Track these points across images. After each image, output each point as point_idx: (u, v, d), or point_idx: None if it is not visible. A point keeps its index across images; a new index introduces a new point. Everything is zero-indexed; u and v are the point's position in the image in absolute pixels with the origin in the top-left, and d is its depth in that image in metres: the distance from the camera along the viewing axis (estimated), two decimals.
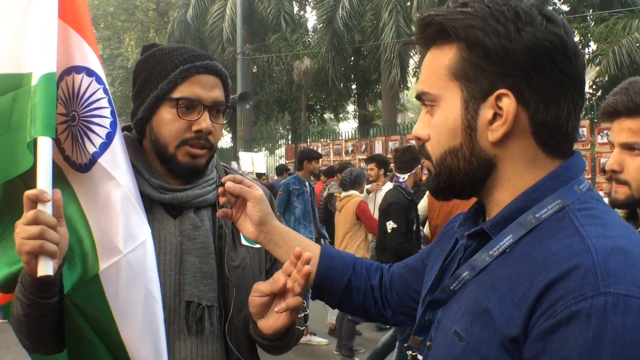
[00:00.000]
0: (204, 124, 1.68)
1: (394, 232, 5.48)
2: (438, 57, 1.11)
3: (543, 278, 0.93)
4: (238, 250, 1.80)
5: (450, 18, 1.07)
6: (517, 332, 0.94)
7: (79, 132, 1.63)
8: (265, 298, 1.50)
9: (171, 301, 1.68)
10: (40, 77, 1.53)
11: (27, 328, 1.57)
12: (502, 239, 1.06)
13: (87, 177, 1.62)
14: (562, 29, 1.04)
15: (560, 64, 1.03)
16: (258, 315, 1.54)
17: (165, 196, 1.73)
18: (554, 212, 1.03)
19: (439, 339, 1.14)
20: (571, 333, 0.87)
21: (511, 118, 1.04)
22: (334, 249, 1.64)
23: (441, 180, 1.15)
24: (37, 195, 1.42)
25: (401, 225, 5.48)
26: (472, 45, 1.05)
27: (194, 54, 1.71)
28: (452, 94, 1.09)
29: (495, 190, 1.11)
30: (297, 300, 1.47)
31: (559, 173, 1.07)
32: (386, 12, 19.20)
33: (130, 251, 1.56)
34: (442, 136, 1.12)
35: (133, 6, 30.92)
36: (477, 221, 1.22)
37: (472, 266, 1.10)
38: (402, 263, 1.59)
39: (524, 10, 1.03)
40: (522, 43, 1.01)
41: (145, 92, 1.71)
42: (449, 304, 1.14)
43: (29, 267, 1.41)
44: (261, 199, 1.59)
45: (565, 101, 1.04)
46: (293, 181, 7.80)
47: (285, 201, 7.64)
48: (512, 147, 1.07)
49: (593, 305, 0.86)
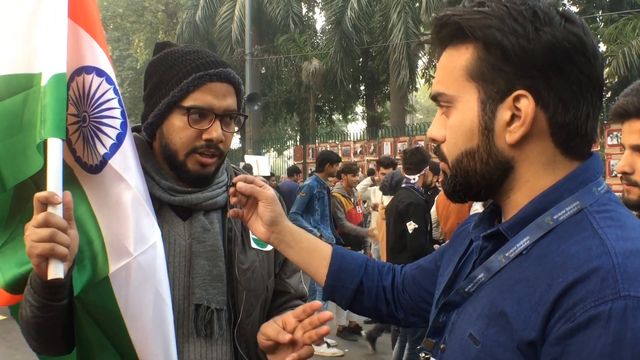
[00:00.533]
0: (214, 134, 1.66)
1: (416, 232, 5.43)
2: (454, 58, 1.09)
3: (562, 280, 0.91)
4: (247, 253, 1.79)
5: (467, 18, 1.05)
6: (535, 335, 0.93)
7: (89, 133, 1.62)
8: (271, 342, 1.53)
9: (180, 304, 1.68)
10: (50, 78, 1.53)
11: (35, 330, 1.57)
12: (518, 240, 1.04)
13: (98, 179, 1.62)
14: (581, 29, 1.02)
15: (579, 64, 1.01)
16: (267, 350, 1.57)
17: (175, 198, 1.72)
18: (572, 214, 1.02)
19: (454, 342, 1.13)
20: (590, 337, 0.86)
21: (529, 119, 1.02)
22: (346, 249, 1.63)
23: (457, 182, 1.13)
24: (47, 198, 1.41)
25: (421, 225, 5.47)
26: (490, 46, 1.03)
27: (207, 60, 1.69)
28: (469, 94, 1.08)
29: (513, 192, 1.10)
30: (309, 350, 1.48)
31: (577, 174, 1.05)
32: (395, 13, 19.18)
33: (141, 253, 1.55)
34: (458, 138, 1.10)
35: (142, 7, 31.01)
36: (492, 222, 1.21)
37: (487, 268, 1.08)
38: (415, 264, 1.58)
39: (542, 10, 1.01)
40: (540, 43, 1.00)
41: (156, 97, 1.70)
42: (464, 307, 1.13)
43: (39, 269, 1.41)
44: (273, 199, 1.57)
45: (584, 102, 1.03)
46: (315, 184, 7.65)
47: (306, 203, 7.51)
48: (530, 149, 1.05)
49: (613, 309, 0.85)
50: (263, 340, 1.54)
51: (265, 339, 1.54)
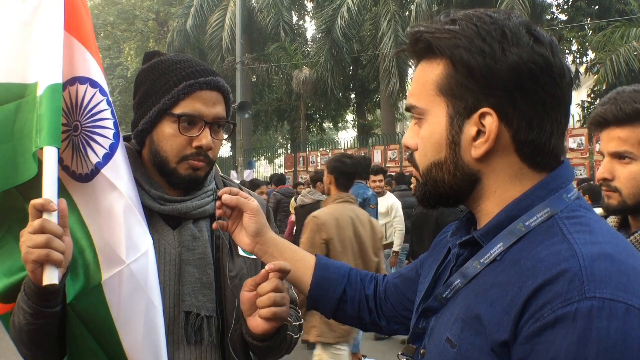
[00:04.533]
0: (204, 141, 1.69)
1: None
2: (427, 72, 1.13)
3: (531, 283, 0.95)
4: (235, 260, 1.81)
5: (437, 37, 1.09)
6: (507, 336, 0.96)
7: (81, 142, 1.64)
8: (253, 292, 1.51)
9: (170, 311, 1.69)
10: (46, 88, 1.55)
11: (28, 337, 1.57)
12: (492, 247, 1.07)
13: (89, 187, 1.63)
14: (549, 49, 1.05)
15: (544, 84, 1.04)
16: (248, 312, 1.55)
17: (165, 207, 1.74)
18: (543, 220, 1.05)
19: (432, 347, 1.16)
20: (557, 336, 0.89)
21: (493, 136, 1.06)
22: (329, 259, 1.65)
23: (427, 191, 1.18)
24: (43, 205, 1.42)
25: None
26: (457, 64, 1.07)
27: (197, 69, 1.72)
28: (438, 108, 1.11)
29: (482, 201, 1.13)
30: (268, 312, 1.48)
31: (547, 182, 1.08)
32: (385, 22, 19.27)
33: (133, 261, 1.57)
34: (427, 149, 1.14)
35: (133, 16, 30.99)
36: (469, 230, 1.24)
37: (463, 274, 1.12)
38: (397, 273, 1.61)
39: (510, 30, 1.05)
40: (506, 63, 1.03)
41: (147, 104, 1.72)
42: (442, 312, 1.16)
43: (35, 275, 1.42)
44: (257, 210, 1.59)
45: (548, 120, 1.06)
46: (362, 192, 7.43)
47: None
48: (496, 163, 1.09)
49: (579, 309, 0.88)
50: (246, 293, 1.53)
51: (248, 290, 1.53)
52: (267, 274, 1.47)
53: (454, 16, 1.10)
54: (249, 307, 1.54)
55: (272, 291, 1.47)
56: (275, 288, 1.47)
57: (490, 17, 1.07)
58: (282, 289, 1.49)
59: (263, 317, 1.50)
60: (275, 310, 1.48)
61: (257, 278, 1.50)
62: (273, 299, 1.47)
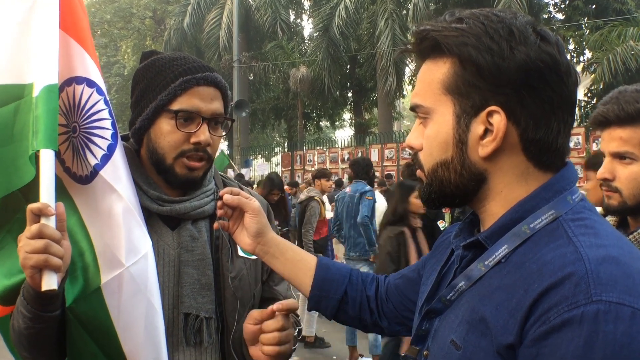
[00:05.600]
0: (202, 137, 1.68)
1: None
2: (432, 71, 1.13)
3: (537, 286, 0.95)
4: (235, 261, 1.80)
5: (445, 35, 1.08)
6: (513, 339, 0.95)
7: (80, 143, 1.63)
8: (257, 326, 1.52)
9: (170, 313, 1.68)
10: (42, 89, 1.53)
11: (28, 341, 1.56)
12: (497, 249, 1.07)
13: (89, 189, 1.62)
14: (555, 48, 1.06)
15: (551, 83, 1.04)
16: (251, 342, 1.56)
17: (163, 208, 1.73)
18: (547, 222, 1.05)
19: (436, 349, 1.15)
20: (563, 339, 0.89)
21: (501, 135, 1.05)
22: (331, 260, 1.65)
23: (432, 191, 1.17)
24: (40, 209, 1.41)
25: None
26: (465, 62, 1.06)
27: (194, 65, 1.71)
28: (445, 107, 1.11)
29: (487, 201, 1.13)
30: (272, 350, 1.49)
31: (552, 184, 1.08)
32: (382, 21, 19.27)
33: (133, 264, 1.56)
34: (434, 148, 1.14)
35: (130, 14, 30.89)
36: (472, 232, 1.24)
37: (468, 276, 1.11)
38: (398, 274, 1.61)
39: (517, 29, 1.05)
40: (514, 61, 1.03)
41: (144, 102, 1.71)
42: (446, 314, 1.16)
43: (33, 281, 1.41)
44: (259, 210, 1.59)
45: (555, 119, 1.06)
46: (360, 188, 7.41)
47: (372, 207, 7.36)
48: (503, 162, 1.09)
49: (585, 313, 0.88)
50: (249, 326, 1.53)
51: (252, 324, 1.53)
52: (273, 312, 1.48)
53: (460, 15, 1.10)
54: (252, 338, 1.55)
55: (277, 330, 1.47)
56: (281, 327, 1.48)
57: (497, 16, 1.07)
58: (288, 326, 1.49)
59: (267, 354, 1.50)
60: (279, 349, 1.49)
61: (263, 314, 1.50)
62: (278, 338, 1.48)
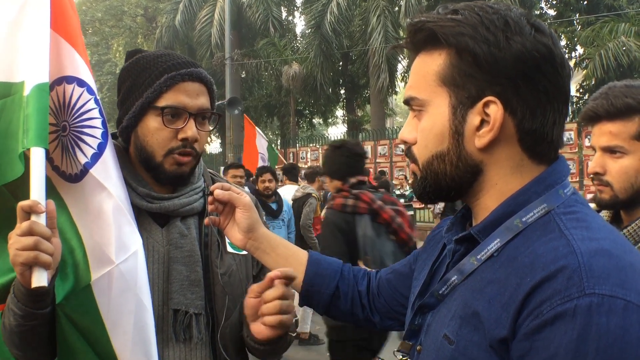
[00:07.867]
0: (189, 132, 1.67)
1: None
2: (427, 63, 1.12)
3: (530, 280, 0.94)
4: (224, 257, 1.80)
5: (441, 25, 1.08)
6: (506, 333, 0.95)
7: (69, 142, 1.63)
8: (258, 299, 1.48)
9: (159, 309, 1.68)
10: (33, 88, 1.53)
11: (19, 339, 1.56)
12: (489, 243, 1.07)
13: (78, 187, 1.62)
14: (550, 39, 1.06)
15: (547, 73, 1.04)
16: (252, 318, 1.52)
17: (152, 205, 1.73)
18: (539, 216, 1.04)
19: (429, 343, 1.15)
20: (557, 332, 0.89)
21: (498, 125, 1.05)
22: (322, 255, 1.64)
23: (427, 184, 1.16)
24: (31, 206, 1.41)
25: None
26: (462, 52, 1.06)
27: (178, 62, 1.71)
28: (441, 99, 1.10)
29: (482, 194, 1.12)
30: (274, 319, 1.45)
31: (544, 178, 1.08)
32: (374, 17, 19.30)
33: (122, 261, 1.56)
34: (429, 141, 1.13)
35: (121, 12, 30.80)
36: (464, 226, 1.23)
37: (460, 270, 1.11)
38: (390, 268, 1.60)
39: (513, 20, 1.05)
40: (510, 52, 1.03)
41: (130, 100, 1.71)
42: (438, 309, 1.15)
43: (23, 278, 1.41)
44: (250, 205, 1.58)
45: (551, 109, 1.06)
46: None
47: None
48: (499, 153, 1.08)
49: (578, 306, 0.88)
50: (250, 300, 1.49)
51: (253, 297, 1.49)
52: (271, 280, 1.44)
53: (455, 7, 1.09)
54: (253, 313, 1.50)
55: (278, 298, 1.44)
56: (282, 295, 1.44)
57: (491, 7, 1.07)
58: (289, 296, 1.46)
59: (268, 325, 1.46)
60: (281, 318, 1.44)
61: (262, 284, 1.46)
62: (279, 306, 1.44)
